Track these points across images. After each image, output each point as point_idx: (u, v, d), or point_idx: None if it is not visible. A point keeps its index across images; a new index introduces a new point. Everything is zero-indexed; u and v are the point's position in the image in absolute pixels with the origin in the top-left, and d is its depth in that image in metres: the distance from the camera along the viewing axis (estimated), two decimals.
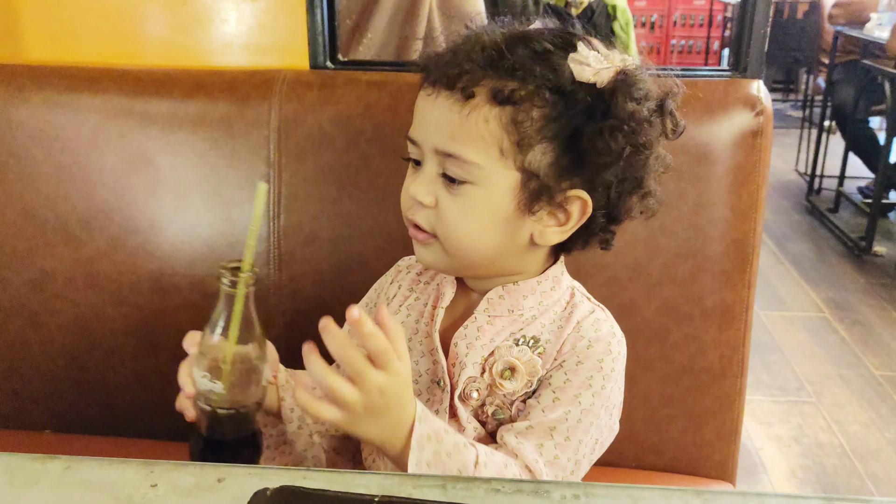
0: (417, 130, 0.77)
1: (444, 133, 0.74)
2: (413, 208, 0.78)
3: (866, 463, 2.11)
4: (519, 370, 0.78)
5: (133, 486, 0.54)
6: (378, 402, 0.66)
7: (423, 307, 0.87)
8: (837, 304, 3.07)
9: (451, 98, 0.73)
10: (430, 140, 0.75)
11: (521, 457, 0.74)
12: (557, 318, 0.82)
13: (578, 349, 0.78)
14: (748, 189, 1.07)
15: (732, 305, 1.10)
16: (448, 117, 0.73)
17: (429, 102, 0.76)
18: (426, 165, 0.76)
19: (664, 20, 6.64)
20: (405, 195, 0.79)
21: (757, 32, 1.11)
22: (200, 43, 1.24)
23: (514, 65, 0.71)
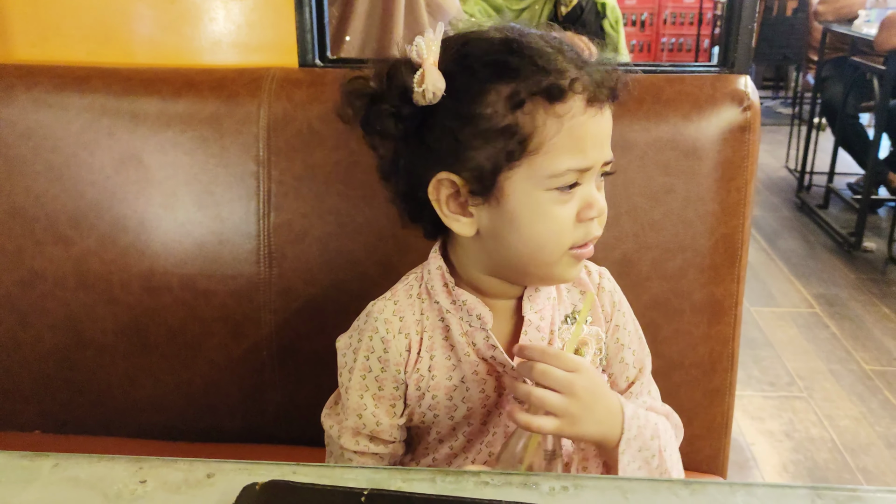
0: (592, 153, 0.74)
1: (609, 142, 0.77)
2: (596, 225, 0.78)
3: (857, 457, 2.13)
4: (589, 343, 0.83)
5: (122, 483, 0.54)
6: (586, 397, 0.74)
7: (462, 340, 0.83)
8: (828, 299, 3.08)
9: (606, 108, 0.75)
10: (604, 155, 0.76)
11: (656, 410, 0.88)
12: (565, 285, 0.88)
13: (615, 303, 0.90)
14: (736, 184, 1.08)
15: (722, 300, 1.11)
16: (609, 125, 0.77)
17: (597, 121, 0.75)
18: (593, 179, 0.76)
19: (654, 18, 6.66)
20: (578, 220, 0.76)
21: (744, 28, 1.11)
22: (189, 41, 1.23)
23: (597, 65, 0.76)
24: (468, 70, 0.73)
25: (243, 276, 1.14)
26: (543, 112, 0.72)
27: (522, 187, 0.74)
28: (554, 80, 0.71)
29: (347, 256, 1.12)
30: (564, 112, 0.72)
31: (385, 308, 0.83)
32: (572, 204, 0.75)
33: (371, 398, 0.84)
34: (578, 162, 0.73)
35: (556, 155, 0.72)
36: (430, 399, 0.83)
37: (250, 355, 1.17)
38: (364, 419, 0.84)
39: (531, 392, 0.73)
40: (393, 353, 0.82)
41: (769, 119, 5.98)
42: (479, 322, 0.81)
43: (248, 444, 1.20)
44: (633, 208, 1.08)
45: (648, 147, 1.08)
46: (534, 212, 0.75)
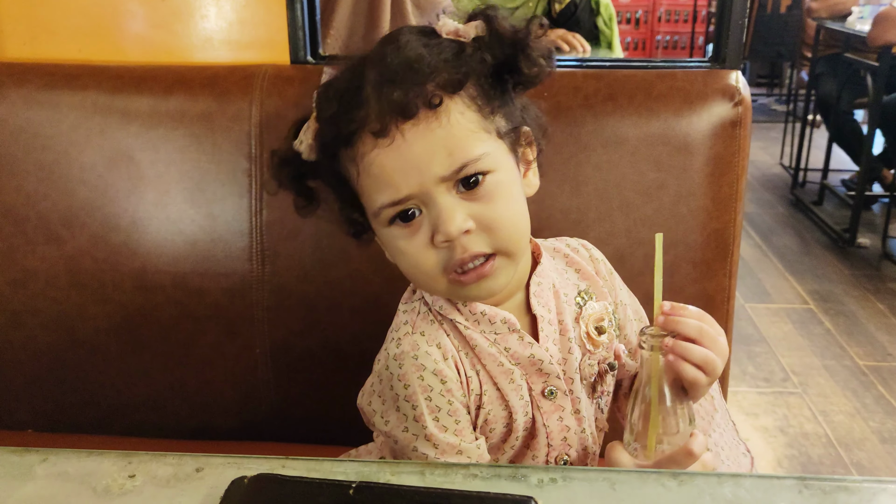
0: (404, 184, 0.70)
1: (441, 156, 0.69)
2: (462, 244, 0.71)
3: (851, 452, 2.13)
4: (605, 318, 0.84)
5: (111, 478, 0.54)
6: (725, 357, 0.74)
7: (492, 350, 0.79)
8: (822, 295, 3.09)
9: (420, 123, 0.69)
10: (429, 176, 0.69)
11: None
12: (561, 266, 0.87)
13: (610, 271, 0.90)
14: (728, 179, 1.08)
15: (714, 295, 1.11)
16: (432, 140, 0.69)
17: (397, 149, 0.69)
18: (437, 201, 0.70)
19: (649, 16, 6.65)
20: (434, 246, 0.72)
21: (735, 24, 1.11)
22: (180, 39, 1.23)
23: (427, 62, 0.70)
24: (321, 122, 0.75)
25: (236, 273, 1.14)
26: (344, 157, 0.73)
27: (375, 226, 0.76)
28: (337, 125, 0.70)
29: (340, 253, 1.12)
30: (355, 154, 0.71)
31: (418, 343, 0.78)
32: (420, 233, 0.72)
33: (454, 435, 0.76)
34: (390, 196, 0.70)
35: (368, 196, 0.73)
36: (486, 414, 0.79)
37: (243, 353, 1.17)
38: (467, 453, 0.76)
39: (707, 355, 0.72)
40: (452, 381, 0.76)
41: (764, 116, 6.00)
42: (506, 326, 0.79)
43: (241, 441, 1.20)
44: (625, 204, 1.08)
45: (640, 142, 1.08)
46: (390, 247, 0.76)
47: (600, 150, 1.08)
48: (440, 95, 0.69)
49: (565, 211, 1.09)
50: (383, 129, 0.68)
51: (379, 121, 0.68)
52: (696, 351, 0.72)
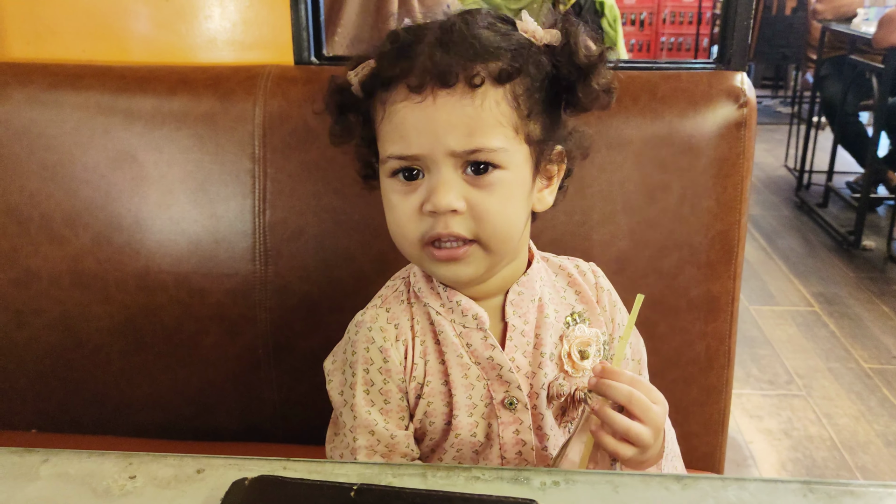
0: (416, 143, 0.71)
1: (461, 132, 0.70)
2: (445, 220, 0.71)
3: (856, 455, 2.12)
4: (592, 345, 0.82)
5: (111, 478, 0.54)
6: (661, 428, 0.74)
7: (456, 341, 0.80)
8: (827, 298, 3.08)
9: (454, 95, 0.69)
10: (442, 145, 0.70)
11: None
12: (561, 284, 0.86)
13: (614, 302, 0.88)
14: (733, 180, 1.08)
15: (718, 297, 1.11)
16: (460, 114, 0.70)
17: (423, 109, 0.70)
18: (441, 172, 0.71)
19: (654, 17, 6.66)
20: (421, 213, 0.72)
21: (740, 25, 1.11)
22: (184, 39, 1.23)
23: (489, 45, 0.71)
24: None
25: (239, 274, 1.14)
26: (377, 99, 0.74)
27: (381, 175, 0.77)
28: (383, 68, 0.72)
29: (343, 254, 1.12)
30: (387, 99, 0.73)
31: (378, 316, 0.80)
32: (415, 196, 0.73)
33: (379, 413, 0.79)
34: (399, 149, 0.72)
35: (382, 142, 0.74)
36: (425, 406, 0.80)
37: (246, 353, 1.16)
38: (377, 435, 0.79)
39: (631, 427, 0.71)
40: (393, 363, 0.78)
41: (768, 118, 5.98)
42: (476, 322, 0.79)
43: (244, 442, 1.20)
44: (629, 205, 1.08)
45: (644, 144, 1.07)
46: (385, 199, 0.77)
47: (604, 151, 1.07)
48: (483, 78, 0.70)
49: (569, 212, 1.08)
50: (419, 86, 0.70)
51: (418, 77, 0.69)
52: (617, 420, 0.71)
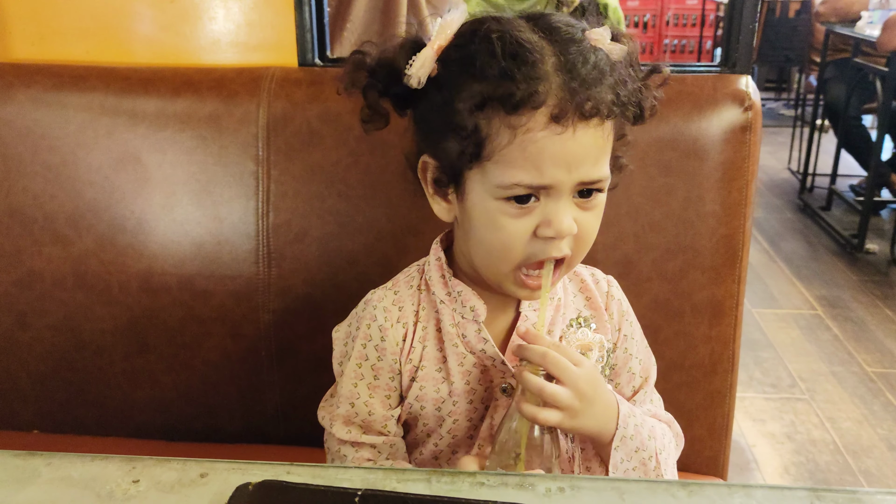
0: (551, 173, 0.70)
1: (590, 163, 0.71)
2: (559, 245, 0.73)
3: (859, 459, 2.12)
4: (592, 350, 0.82)
5: (115, 482, 0.54)
6: (589, 392, 0.74)
7: (452, 330, 0.82)
8: (830, 301, 3.07)
9: (589, 127, 0.70)
10: (574, 176, 0.70)
11: (659, 417, 0.88)
12: (571, 289, 0.88)
13: (623, 313, 0.88)
14: (737, 184, 1.07)
15: (722, 301, 1.10)
16: (593, 146, 0.71)
17: (564, 141, 0.69)
18: (561, 198, 0.71)
19: (657, 20, 6.65)
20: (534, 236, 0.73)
21: (745, 28, 1.11)
22: (188, 41, 1.23)
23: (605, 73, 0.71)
24: (456, 62, 0.72)
25: (242, 276, 1.14)
26: (499, 120, 0.69)
27: (478, 190, 0.73)
28: (512, 90, 0.67)
29: (346, 256, 1.12)
30: (519, 124, 0.68)
31: (385, 297, 0.84)
32: (528, 219, 0.72)
33: (366, 387, 0.83)
34: (531, 178, 0.70)
35: (507, 167, 0.70)
36: (417, 389, 0.83)
37: (249, 356, 1.16)
38: (356, 408, 0.83)
39: (545, 386, 0.72)
40: (390, 342, 0.82)
41: (772, 121, 5.97)
42: (472, 314, 0.81)
43: (246, 444, 1.20)
44: (634, 209, 1.08)
45: (649, 147, 1.07)
46: (485, 217, 0.74)
47: None
48: (613, 111, 0.71)
49: None
50: (562, 116, 0.68)
51: (560, 107, 0.68)
52: (529, 379, 0.72)
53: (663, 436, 0.85)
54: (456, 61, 0.72)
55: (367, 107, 0.79)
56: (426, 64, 0.72)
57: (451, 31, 0.73)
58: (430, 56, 0.72)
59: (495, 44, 0.69)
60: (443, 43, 0.72)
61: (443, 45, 0.72)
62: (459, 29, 0.73)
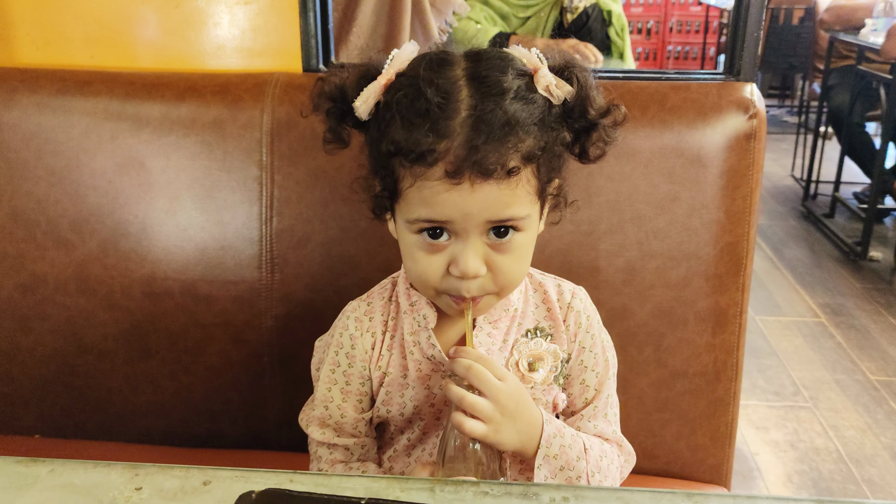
0: (448, 213, 0.73)
1: (497, 207, 0.73)
2: (468, 284, 0.76)
3: (862, 468, 2.11)
4: (545, 359, 0.85)
5: (117, 490, 0.54)
6: (511, 407, 0.76)
7: (410, 339, 0.87)
8: (833, 309, 3.06)
9: (491, 181, 0.71)
10: (475, 219, 0.73)
11: (606, 437, 0.89)
12: (533, 301, 0.89)
13: (584, 326, 0.89)
14: (742, 192, 1.07)
15: (726, 309, 1.10)
16: (497, 195, 0.72)
17: (460, 192, 0.71)
18: (468, 240, 0.74)
19: (660, 26, 6.65)
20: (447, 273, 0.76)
21: (750, 36, 1.11)
22: (193, 46, 1.23)
23: (522, 124, 0.72)
24: (388, 104, 0.74)
25: (245, 281, 1.14)
26: (404, 168, 0.73)
27: (400, 223, 0.79)
28: (413, 146, 0.70)
29: (350, 262, 1.12)
30: (419, 174, 0.72)
31: (358, 307, 0.90)
32: (440, 256, 0.76)
33: (339, 392, 0.89)
34: (427, 213, 0.73)
35: (409, 203, 0.74)
36: (384, 394, 0.88)
37: (251, 361, 1.16)
38: (330, 410, 0.89)
39: (464, 396, 0.75)
40: (359, 350, 0.87)
41: (775, 128, 5.97)
42: (425, 321, 0.85)
43: (248, 450, 1.19)
44: (638, 216, 1.08)
45: (653, 154, 1.07)
46: (405, 249, 0.80)
47: (612, 161, 1.07)
48: (519, 166, 0.72)
49: (576, 222, 1.08)
50: (457, 173, 0.70)
51: (456, 165, 0.70)
52: (451, 390, 0.76)
53: (601, 458, 0.86)
54: (389, 103, 0.74)
55: (328, 130, 0.83)
56: (370, 99, 0.75)
57: (395, 68, 0.75)
58: (375, 91, 0.75)
59: (415, 94, 0.71)
60: (388, 79, 0.75)
61: (388, 81, 0.75)
62: (407, 65, 0.76)
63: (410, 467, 0.88)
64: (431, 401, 0.88)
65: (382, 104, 0.75)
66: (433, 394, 0.87)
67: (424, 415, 0.88)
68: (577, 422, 0.89)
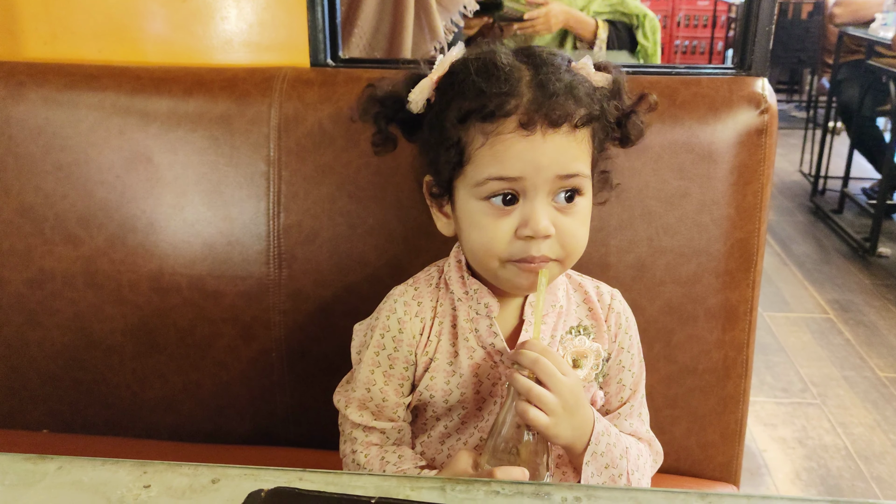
0: (519, 167, 0.76)
1: (566, 159, 0.77)
2: (538, 245, 0.78)
3: (871, 465, 2.10)
4: (588, 357, 0.85)
5: (126, 487, 0.53)
6: (571, 402, 0.78)
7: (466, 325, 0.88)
8: (842, 305, 3.05)
9: (560, 133, 0.77)
10: (545, 171, 0.76)
11: (640, 436, 0.92)
12: (574, 299, 0.92)
13: (623, 327, 0.91)
14: (752, 188, 1.06)
15: (737, 305, 1.09)
16: (566, 147, 0.77)
17: (531, 142, 0.76)
18: (537, 198, 0.77)
19: (668, 21, 6.63)
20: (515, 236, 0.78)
21: (762, 30, 1.10)
22: (200, 40, 1.23)
23: (580, 92, 0.79)
24: (446, 87, 0.81)
25: (252, 277, 1.13)
26: (475, 129, 0.78)
27: (463, 195, 0.81)
28: (485, 102, 0.76)
29: (357, 258, 1.11)
30: (491, 130, 0.77)
31: (406, 292, 0.90)
32: (508, 220, 0.78)
33: (381, 374, 0.89)
34: (498, 170, 0.77)
35: (479, 164, 0.78)
36: (428, 380, 0.88)
37: (259, 357, 1.16)
38: (372, 393, 0.89)
39: (532, 387, 0.76)
40: (407, 335, 0.88)
41: (783, 123, 5.94)
42: (486, 310, 0.86)
43: (256, 446, 1.19)
44: (648, 212, 1.07)
45: (663, 150, 1.06)
46: (470, 219, 0.81)
47: (622, 156, 1.06)
48: (583, 121, 0.78)
49: None
50: (529, 123, 0.75)
51: (528, 115, 0.75)
52: (519, 380, 0.77)
53: (638, 456, 0.88)
54: (446, 87, 0.81)
55: (378, 132, 0.88)
56: (424, 91, 0.82)
57: (447, 64, 0.82)
58: (428, 85, 0.82)
59: (476, 68, 0.78)
60: (440, 73, 0.82)
61: (440, 75, 0.82)
62: (458, 60, 0.83)
63: (453, 454, 0.88)
64: (477, 388, 0.88)
65: (440, 91, 0.82)
66: (480, 382, 0.88)
67: (468, 403, 0.89)
68: (614, 420, 0.91)
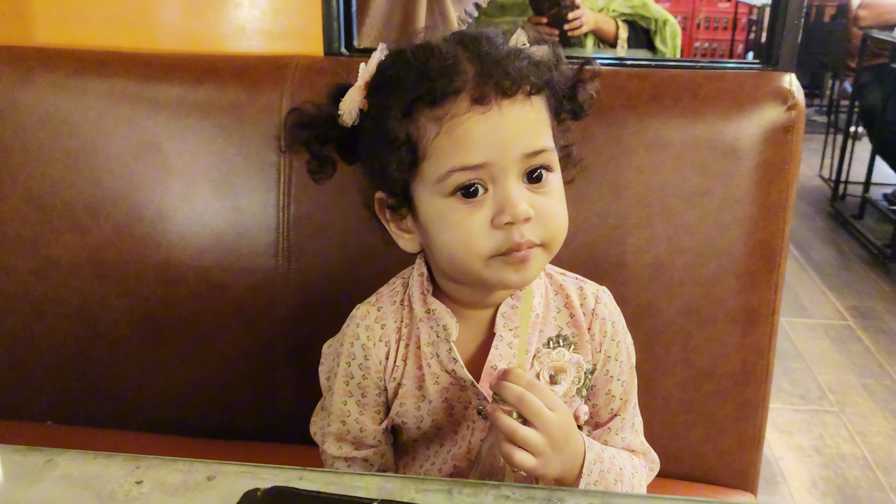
0: (485, 151, 0.70)
1: (528, 134, 0.72)
2: (521, 230, 0.71)
3: (890, 476, 2.05)
4: (567, 371, 0.79)
5: (117, 483, 0.51)
6: (559, 438, 0.72)
7: (427, 349, 0.82)
8: (861, 312, 3.00)
9: (516, 103, 0.71)
10: (511, 150, 0.70)
11: (633, 449, 0.86)
12: (554, 305, 0.84)
13: (609, 334, 0.84)
14: (777, 187, 1.03)
15: (758, 308, 1.06)
16: (526, 120, 0.72)
17: (490, 119, 0.70)
18: (508, 181, 0.71)
19: (688, 23, 6.57)
20: (493, 227, 0.71)
21: (790, 24, 1.06)
22: (213, 27, 1.21)
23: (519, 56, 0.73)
24: (379, 87, 0.74)
25: (260, 269, 1.11)
26: (425, 118, 0.71)
27: (426, 198, 0.73)
28: (430, 85, 0.69)
29: (367, 252, 1.09)
30: (444, 114, 0.70)
31: (368, 314, 0.84)
32: (482, 211, 0.71)
33: (355, 404, 0.84)
34: (461, 159, 0.69)
35: (438, 157, 0.71)
36: (398, 406, 0.83)
37: (265, 351, 1.14)
38: (348, 425, 0.84)
39: (517, 430, 0.70)
40: (373, 361, 0.82)
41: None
42: (445, 333, 0.80)
43: (260, 441, 1.17)
44: (667, 210, 1.03)
45: (684, 146, 1.03)
46: (439, 221, 0.73)
47: (642, 152, 1.03)
48: (536, 87, 0.72)
49: (603, 215, 1.04)
50: (483, 96, 0.69)
51: (479, 90, 0.69)
52: (503, 421, 0.70)
53: (633, 475, 0.82)
54: (379, 87, 0.74)
55: (312, 158, 0.81)
56: (355, 99, 0.75)
57: (372, 66, 0.75)
58: (357, 91, 0.75)
59: (410, 58, 0.72)
60: (368, 77, 0.75)
61: (368, 79, 0.75)
62: (386, 57, 0.76)
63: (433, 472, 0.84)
64: (450, 412, 0.83)
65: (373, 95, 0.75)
66: (451, 406, 0.83)
67: (442, 426, 0.84)
68: (604, 434, 0.85)
